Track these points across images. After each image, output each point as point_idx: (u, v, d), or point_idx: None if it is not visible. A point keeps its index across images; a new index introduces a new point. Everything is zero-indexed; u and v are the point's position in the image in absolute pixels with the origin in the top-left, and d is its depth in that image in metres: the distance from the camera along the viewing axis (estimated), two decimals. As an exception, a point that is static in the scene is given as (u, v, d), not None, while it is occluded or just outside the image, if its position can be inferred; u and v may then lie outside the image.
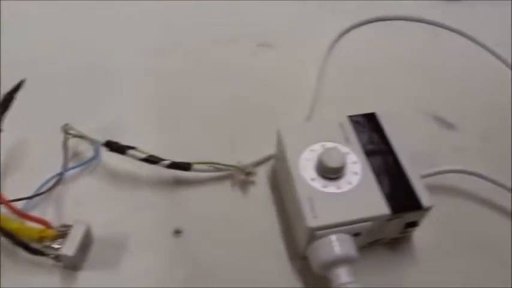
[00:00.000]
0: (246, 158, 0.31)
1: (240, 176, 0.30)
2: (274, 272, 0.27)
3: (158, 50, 0.39)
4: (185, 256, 0.27)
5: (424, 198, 0.25)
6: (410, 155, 0.32)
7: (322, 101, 0.36)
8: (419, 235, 0.28)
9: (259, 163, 0.31)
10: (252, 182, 0.31)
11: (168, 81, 0.37)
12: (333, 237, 0.24)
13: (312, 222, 0.24)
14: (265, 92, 0.37)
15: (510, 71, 0.39)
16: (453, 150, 0.33)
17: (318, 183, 0.26)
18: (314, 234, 0.24)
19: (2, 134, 0.28)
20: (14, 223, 0.26)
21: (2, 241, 0.26)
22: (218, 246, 0.28)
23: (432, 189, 0.30)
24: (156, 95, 0.36)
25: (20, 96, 0.29)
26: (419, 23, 0.43)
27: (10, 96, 0.28)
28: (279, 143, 0.28)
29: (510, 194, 0.29)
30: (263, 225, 0.29)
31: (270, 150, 0.31)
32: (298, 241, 0.27)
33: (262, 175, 0.31)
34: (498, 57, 0.40)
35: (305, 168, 0.26)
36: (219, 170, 0.30)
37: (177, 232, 0.28)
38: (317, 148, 0.27)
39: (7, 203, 0.26)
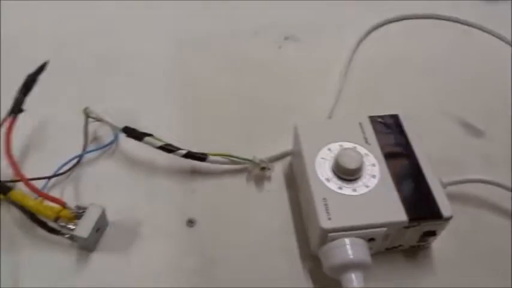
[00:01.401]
0: (263, 153, 0.30)
1: (256, 171, 0.30)
2: (283, 270, 0.26)
3: (181, 41, 0.39)
4: (196, 247, 0.27)
5: (444, 208, 0.24)
6: (435, 160, 0.31)
7: (345, 99, 0.35)
8: (439, 245, 0.27)
9: (275, 159, 0.31)
10: (268, 177, 0.30)
11: (190, 72, 0.37)
12: (346, 240, 0.24)
13: (326, 223, 0.24)
14: (287, 86, 0.36)
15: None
16: (481, 159, 0.32)
17: (334, 184, 0.25)
18: (326, 236, 0.24)
19: (24, 114, 0.28)
20: (32, 201, 0.26)
21: (21, 218, 0.27)
22: (229, 240, 0.28)
23: (455, 198, 0.29)
24: (177, 85, 0.36)
25: (44, 78, 0.29)
26: (452, 22, 0.41)
27: (33, 78, 0.29)
28: (296, 140, 0.28)
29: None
30: (276, 221, 0.28)
31: (288, 146, 0.30)
32: (311, 241, 0.27)
33: (278, 171, 0.31)
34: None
35: (321, 167, 0.26)
36: (235, 163, 0.30)
37: (191, 222, 0.28)
38: (335, 147, 0.27)
39: (27, 182, 0.27)
